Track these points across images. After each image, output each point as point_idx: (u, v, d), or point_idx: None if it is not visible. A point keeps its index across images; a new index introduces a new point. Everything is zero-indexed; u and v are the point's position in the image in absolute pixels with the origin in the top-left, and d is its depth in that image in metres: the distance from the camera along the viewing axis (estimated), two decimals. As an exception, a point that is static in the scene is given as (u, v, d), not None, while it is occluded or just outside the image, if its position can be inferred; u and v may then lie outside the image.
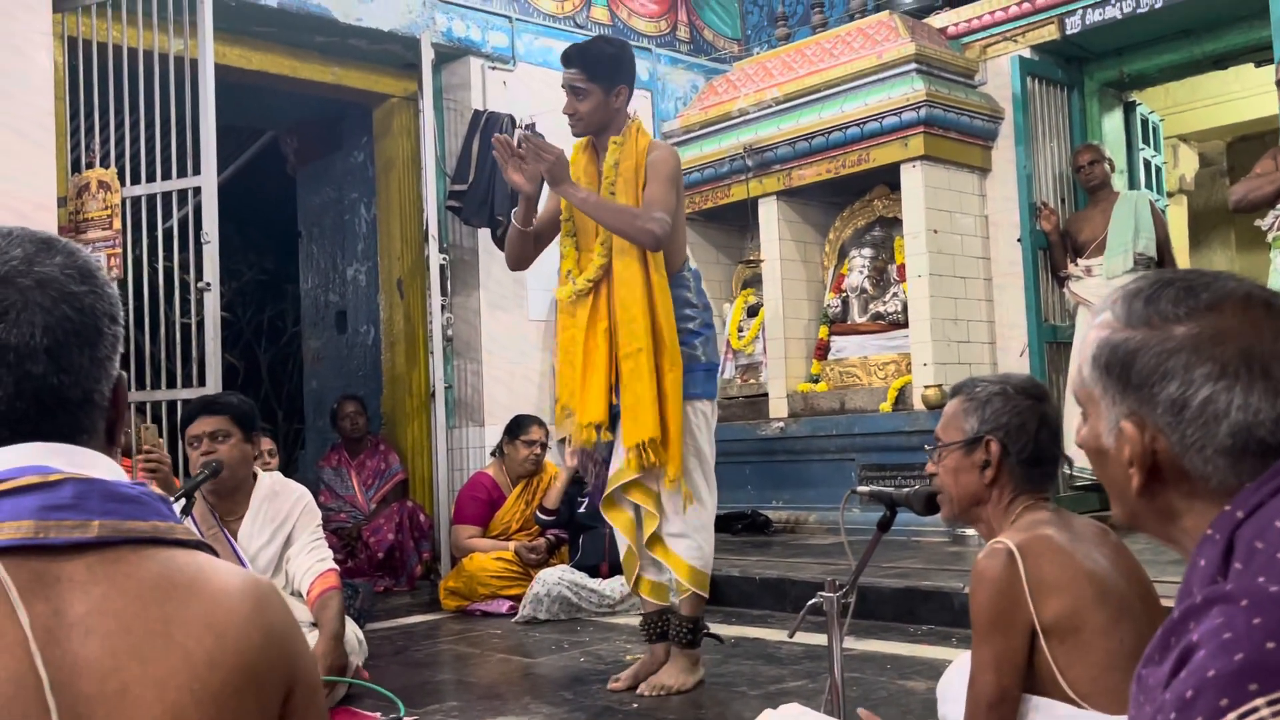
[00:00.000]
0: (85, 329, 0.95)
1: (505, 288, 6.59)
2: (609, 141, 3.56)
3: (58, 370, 0.93)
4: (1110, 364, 1.02)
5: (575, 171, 3.63)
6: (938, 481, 1.99)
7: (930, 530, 5.80)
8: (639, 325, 3.41)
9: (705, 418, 3.56)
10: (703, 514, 3.52)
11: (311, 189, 7.92)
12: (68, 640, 0.85)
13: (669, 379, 3.43)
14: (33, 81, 4.87)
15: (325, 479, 6.50)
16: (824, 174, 6.53)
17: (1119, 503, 1.06)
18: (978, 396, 1.94)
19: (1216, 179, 9.44)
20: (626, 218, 3.41)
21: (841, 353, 6.70)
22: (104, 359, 0.98)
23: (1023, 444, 1.89)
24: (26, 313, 0.92)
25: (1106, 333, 1.04)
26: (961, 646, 3.54)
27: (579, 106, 3.53)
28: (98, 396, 0.98)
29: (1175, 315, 0.99)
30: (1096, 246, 5.91)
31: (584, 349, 3.50)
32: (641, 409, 3.38)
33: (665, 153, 3.56)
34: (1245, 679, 0.77)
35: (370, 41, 6.26)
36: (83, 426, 0.97)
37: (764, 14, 8.12)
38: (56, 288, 0.94)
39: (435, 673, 4.01)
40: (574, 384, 3.52)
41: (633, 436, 3.39)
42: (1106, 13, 5.94)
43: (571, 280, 3.57)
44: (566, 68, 3.56)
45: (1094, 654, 1.67)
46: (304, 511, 3.36)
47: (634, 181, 3.51)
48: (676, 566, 3.47)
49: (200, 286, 5.11)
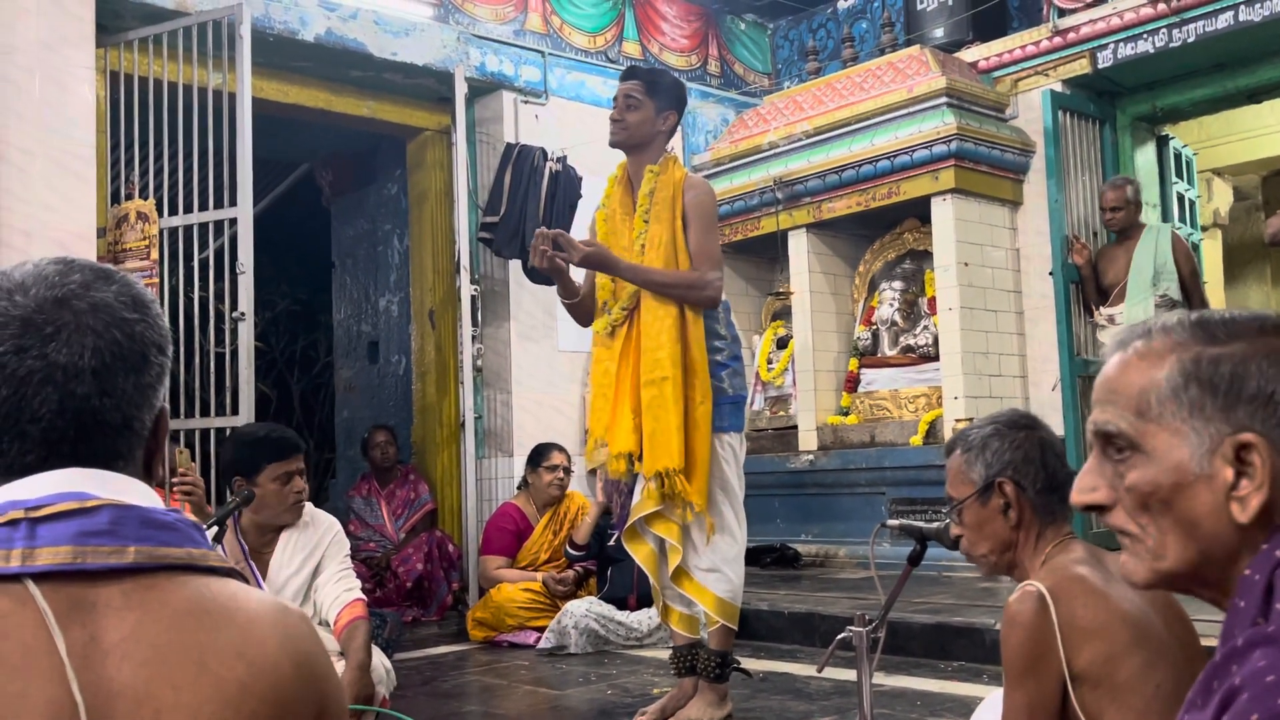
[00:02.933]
0: (132, 355, 0.97)
1: (535, 319, 6.62)
2: (645, 170, 3.58)
3: (101, 393, 0.95)
4: (1214, 379, 0.95)
5: (610, 202, 3.66)
6: (964, 544, 1.93)
7: (961, 565, 5.74)
8: (664, 354, 3.40)
9: (733, 451, 3.54)
10: (733, 547, 3.49)
11: (345, 220, 8.01)
12: (103, 666, 0.86)
13: (700, 410, 3.41)
14: (75, 115, 4.97)
15: (355, 508, 6.53)
16: (854, 207, 6.54)
17: (1189, 546, 0.96)
18: (974, 444, 1.90)
19: (1252, 213, 9.36)
20: (683, 287, 3.45)
21: (872, 385, 6.67)
22: (148, 387, 0.99)
23: (1034, 475, 1.86)
24: (78, 334, 0.94)
25: (1187, 353, 0.97)
26: (993, 684, 3.50)
27: (628, 115, 3.56)
28: (137, 424, 0.99)
29: (1258, 328, 0.96)
30: (1119, 293, 5.80)
31: (616, 379, 3.49)
32: (663, 438, 3.35)
33: (704, 193, 3.58)
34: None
35: (405, 76, 6.34)
36: (119, 452, 0.98)
37: (794, 48, 8.17)
38: (109, 313, 0.96)
39: (463, 704, 4.00)
40: (606, 415, 3.50)
41: (653, 465, 3.36)
42: (1139, 47, 5.93)
43: (607, 311, 3.58)
44: (626, 80, 3.61)
45: (1131, 698, 1.62)
46: (333, 541, 3.36)
47: (669, 210, 3.51)
48: (704, 599, 3.44)
49: (235, 316, 5.17)
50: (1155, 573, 0.99)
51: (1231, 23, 5.57)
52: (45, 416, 0.93)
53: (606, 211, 3.69)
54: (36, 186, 4.80)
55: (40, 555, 0.88)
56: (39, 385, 0.93)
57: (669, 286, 3.44)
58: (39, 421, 0.93)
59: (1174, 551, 0.96)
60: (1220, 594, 0.95)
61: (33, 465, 0.94)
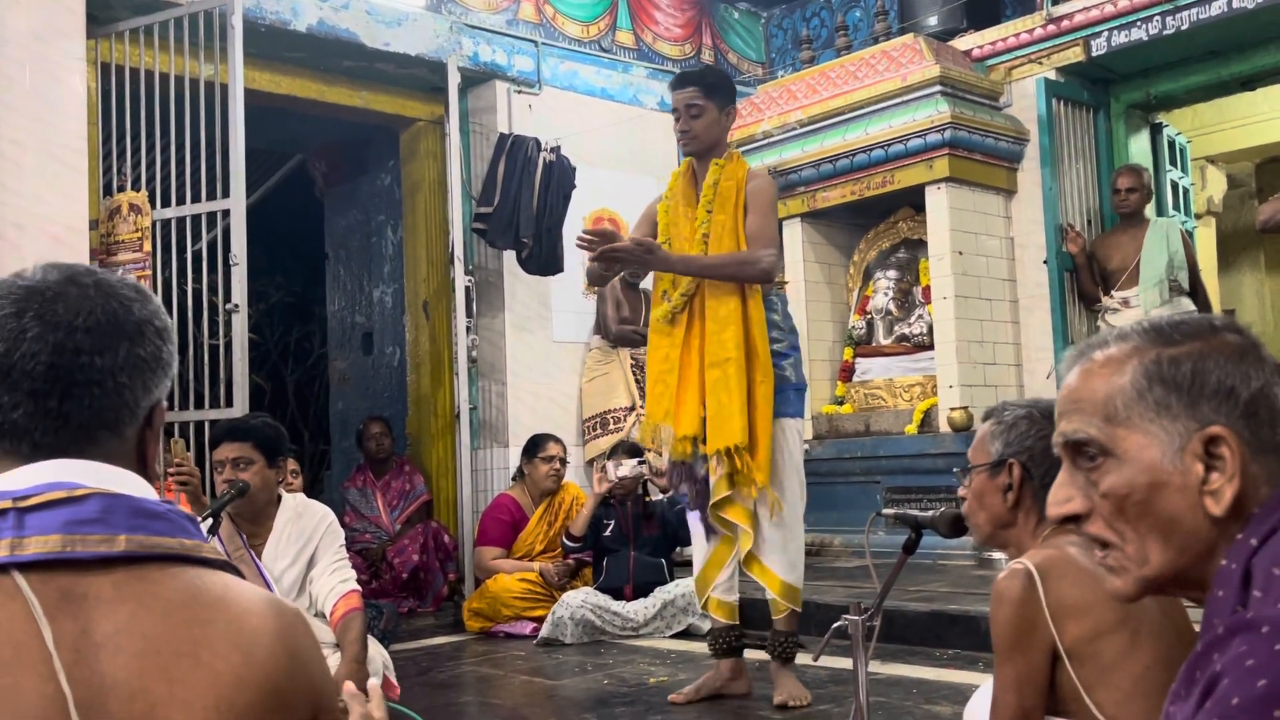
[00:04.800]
0: (129, 325, 1.00)
1: (530, 309, 6.61)
2: (710, 163, 3.64)
3: (93, 350, 0.97)
4: (1176, 378, 0.97)
5: (674, 195, 3.72)
6: (966, 506, 1.98)
7: (956, 553, 5.75)
8: (729, 335, 3.47)
9: (798, 434, 3.64)
10: (797, 524, 3.58)
11: (339, 211, 7.99)
12: (95, 660, 0.86)
13: (760, 390, 3.48)
14: (66, 106, 4.95)
15: (350, 500, 6.53)
16: (848, 196, 6.53)
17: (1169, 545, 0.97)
18: (1005, 420, 1.93)
19: (1245, 200, 9.36)
20: (734, 266, 3.50)
21: (866, 375, 6.68)
22: (143, 361, 1.00)
23: (1047, 468, 1.88)
24: (79, 302, 0.98)
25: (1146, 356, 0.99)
26: (988, 671, 3.50)
27: (694, 124, 3.60)
28: (129, 395, 0.99)
29: (1210, 327, 0.98)
30: (1128, 277, 5.84)
31: (679, 364, 3.56)
32: (726, 416, 3.43)
33: (765, 182, 3.64)
34: (1269, 705, 0.76)
35: (398, 66, 6.32)
36: (106, 418, 0.98)
37: (788, 37, 8.15)
38: (110, 289, 1.01)
39: (459, 694, 4.00)
40: (667, 400, 3.56)
41: (716, 442, 3.44)
42: (1133, 34, 5.92)
43: (666, 298, 3.63)
44: (680, 89, 3.63)
45: (1117, 677, 1.65)
46: (327, 532, 3.36)
47: (733, 202, 3.58)
48: (770, 583, 3.53)
49: (228, 308, 5.16)
50: (1141, 581, 0.99)
51: (1225, 9, 5.56)
52: (36, 370, 0.95)
53: (669, 203, 3.74)
54: (28, 179, 4.78)
55: (29, 545, 0.88)
56: (34, 340, 0.95)
57: (721, 267, 3.50)
58: (30, 373, 0.95)
59: (1155, 555, 0.98)
60: (1203, 592, 0.96)
61: (20, 423, 0.95)
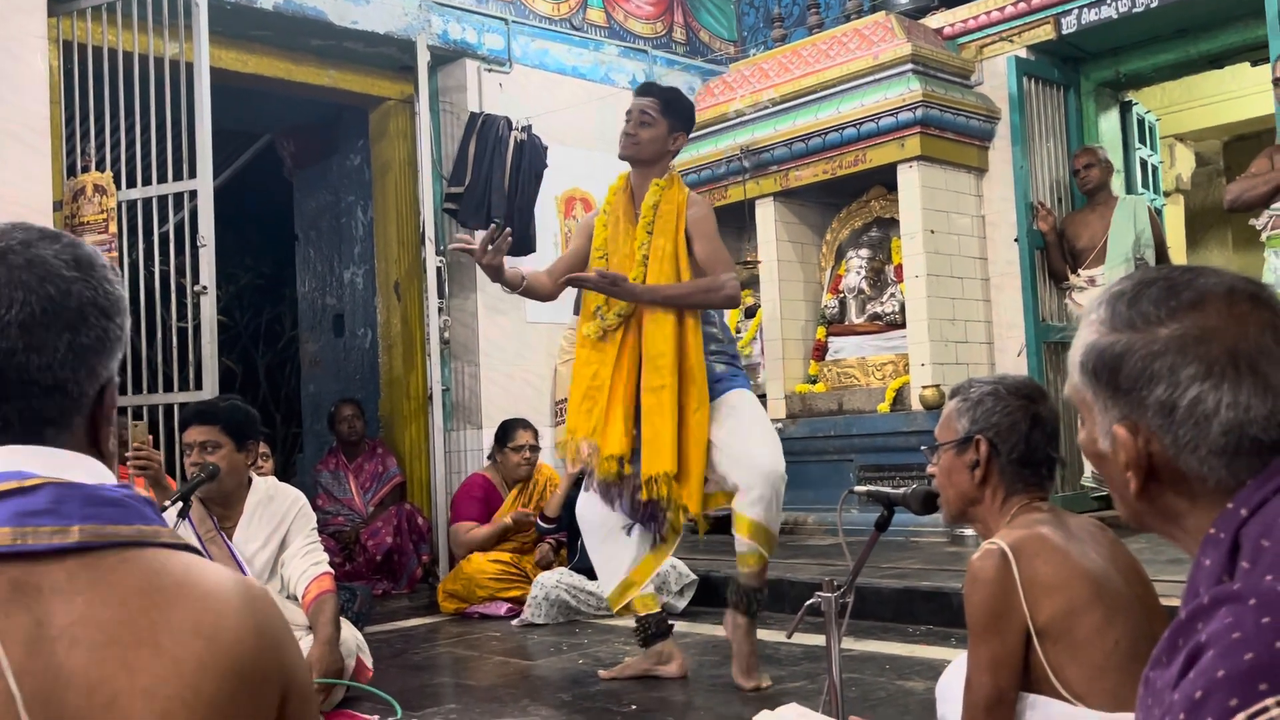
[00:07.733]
0: (66, 313, 0.94)
1: (502, 290, 6.56)
2: (650, 183, 3.64)
3: (28, 348, 0.92)
4: (1098, 369, 1.01)
5: (613, 210, 3.72)
6: (936, 482, 1.99)
7: (928, 530, 5.79)
8: (666, 361, 3.49)
9: (754, 398, 3.69)
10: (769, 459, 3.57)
11: (308, 192, 7.91)
12: (52, 653, 0.83)
13: (694, 418, 3.50)
14: (27, 85, 4.86)
15: (323, 482, 6.49)
16: (821, 175, 6.53)
17: (1122, 504, 1.05)
18: (971, 397, 1.94)
19: (1213, 178, 9.44)
20: (700, 294, 3.54)
21: (839, 353, 6.70)
22: (86, 349, 0.95)
23: (1013, 444, 1.89)
24: (8, 289, 0.92)
25: (1094, 337, 1.03)
26: (960, 646, 3.53)
27: (641, 132, 3.62)
28: (72, 387, 0.95)
29: (1158, 316, 0.98)
30: (1096, 255, 5.88)
31: (609, 384, 3.57)
32: (660, 443, 3.47)
33: (705, 209, 3.67)
34: (1255, 679, 0.76)
35: (366, 44, 6.25)
36: (48, 416, 0.94)
37: (760, 15, 8.12)
38: (45, 269, 0.94)
39: (434, 675, 4.00)
40: (594, 418, 3.58)
41: (650, 468, 3.49)
42: (1102, 12, 5.94)
43: (600, 316, 3.62)
44: (642, 96, 3.66)
45: (1089, 653, 1.66)
46: (299, 515, 3.34)
47: (673, 226, 3.60)
48: (740, 526, 3.55)
49: (197, 290, 5.10)
50: (1124, 519, 1.07)
51: (1194, -12, 5.58)
52: None
53: (608, 219, 3.74)
54: (-11, 159, 4.70)
55: None
56: None
57: (687, 296, 3.54)
58: None
59: (1119, 506, 1.06)
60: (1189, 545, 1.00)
61: None
